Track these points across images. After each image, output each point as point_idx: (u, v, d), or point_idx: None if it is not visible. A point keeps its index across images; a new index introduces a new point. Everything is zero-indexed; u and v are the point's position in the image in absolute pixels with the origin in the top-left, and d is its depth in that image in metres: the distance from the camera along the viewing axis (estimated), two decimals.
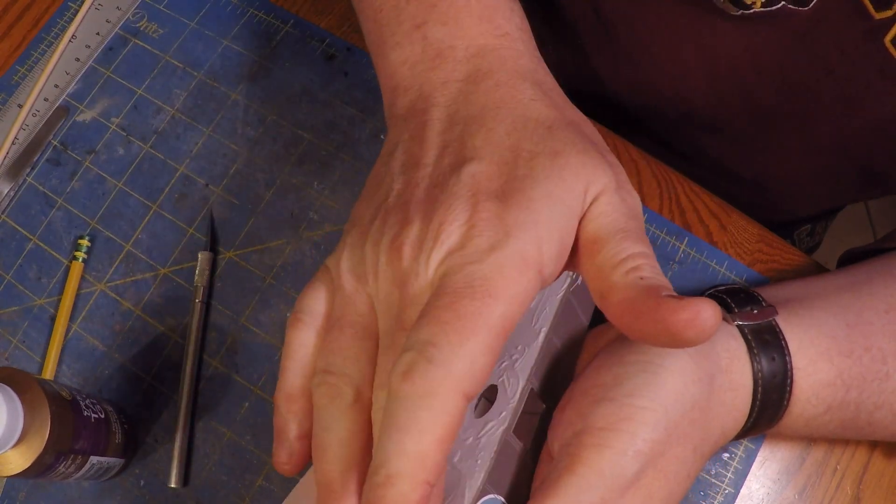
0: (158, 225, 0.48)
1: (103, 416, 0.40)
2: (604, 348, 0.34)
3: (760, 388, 0.33)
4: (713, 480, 0.40)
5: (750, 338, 0.34)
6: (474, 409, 0.34)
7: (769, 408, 0.34)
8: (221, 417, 0.44)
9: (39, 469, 0.36)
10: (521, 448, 0.33)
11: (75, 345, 0.46)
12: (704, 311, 0.24)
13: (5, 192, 0.49)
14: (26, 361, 0.46)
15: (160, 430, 0.44)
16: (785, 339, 0.34)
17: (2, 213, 0.49)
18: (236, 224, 0.47)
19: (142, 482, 0.43)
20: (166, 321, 0.46)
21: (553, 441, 0.32)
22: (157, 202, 0.48)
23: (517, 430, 0.32)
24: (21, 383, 0.35)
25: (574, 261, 0.28)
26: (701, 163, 0.54)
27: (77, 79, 0.52)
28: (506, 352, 0.34)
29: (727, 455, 0.40)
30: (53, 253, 0.48)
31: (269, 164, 0.48)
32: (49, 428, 0.35)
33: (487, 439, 0.32)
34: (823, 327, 0.35)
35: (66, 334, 0.46)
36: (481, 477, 0.31)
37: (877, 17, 0.36)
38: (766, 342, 0.34)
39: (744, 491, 0.40)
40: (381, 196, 0.30)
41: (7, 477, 0.36)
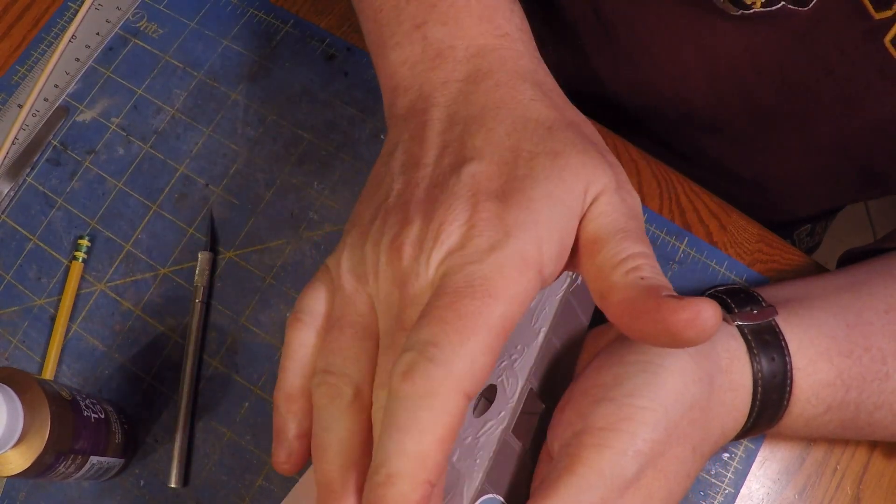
0: (158, 225, 0.48)
1: (103, 416, 0.40)
2: (604, 348, 0.34)
3: (760, 389, 0.33)
4: (713, 480, 0.40)
5: (750, 338, 0.34)
6: (473, 409, 0.34)
7: (769, 408, 0.34)
8: (221, 417, 0.44)
9: (39, 469, 0.36)
10: (520, 448, 0.33)
11: (75, 345, 0.46)
12: (705, 310, 0.24)
13: (5, 192, 0.50)
14: (26, 361, 0.46)
15: (160, 430, 0.44)
16: (785, 340, 0.34)
17: (2, 213, 0.49)
18: (236, 224, 0.47)
19: (142, 482, 0.43)
20: (166, 321, 0.46)
21: (553, 441, 0.32)
22: (157, 202, 0.48)
23: (516, 429, 0.32)
24: (21, 383, 0.35)
25: (574, 261, 0.28)
26: (701, 163, 0.54)
27: (77, 79, 0.52)
28: (505, 351, 0.34)
29: (727, 455, 0.40)
30: (53, 253, 0.48)
31: (269, 164, 0.48)
32: (49, 428, 0.35)
33: (486, 439, 0.32)
34: (823, 327, 0.35)
35: (66, 334, 0.46)
36: (480, 476, 0.31)
37: (877, 17, 0.36)
38: (766, 342, 0.34)
39: (744, 491, 0.40)
40: (381, 196, 0.30)
41: (7, 477, 0.36)
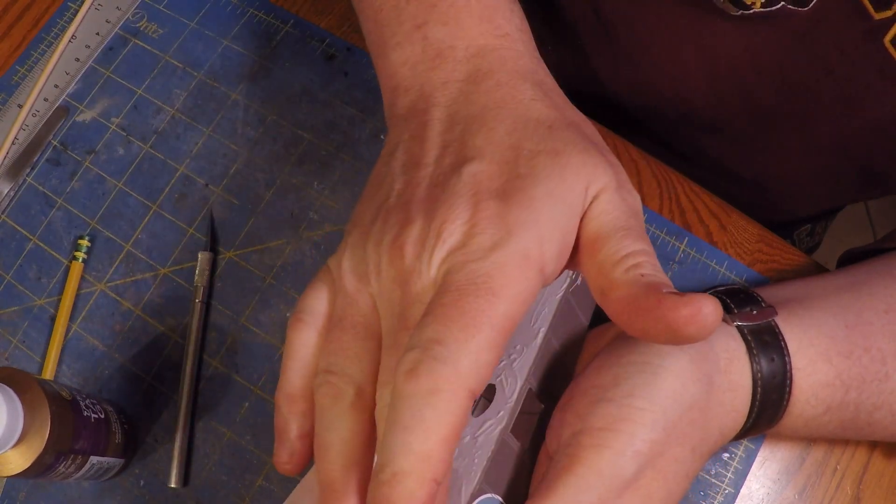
0: (158, 225, 0.48)
1: (103, 416, 0.40)
2: (603, 349, 0.34)
3: (760, 389, 0.33)
4: (713, 480, 0.40)
5: (749, 338, 0.34)
6: (472, 409, 0.34)
7: (768, 408, 0.34)
8: (221, 417, 0.44)
9: (39, 469, 0.36)
10: (518, 448, 0.33)
11: (75, 345, 0.46)
12: (705, 307, 0.24)
13: (5, 192, 0.50)
14: (26, 361, 0.46)
15: (160, 430, 0.44)
16: (784, 340, 0.34)
17: (2, 213, 0.49)
18: (236, 224, 0.47)
19: (142, 482, 0.43)
20: (166, 321, 0.46)
21: (551, 441, 0.32)
22: (157, 202, 0.48)
23: (515, 429, 0.32)
24: (21, 383, 0.35)
25: (575, 259, 0.28)
26: (701, 163, 0.54)
27: (77, 79, 0.52)
28: (504, 351, 0.34)
29: (727, 455, 0.40)
30: (53, 253, 0.48)
31: (269, 164, 0.48)
32: (49, 428, 0.35)
33: (485, 438, 0.32)
34: (823, 328, 0.35)
35: (66, 334, 0.46)
36: (478, 476, 0.31)
37: (876, 17, 0.36)
38: (766, 343, 0.34)
39: (744, 491, 0.40)
40: (382, 196, 0.30)
41: (7, 477, 0.36)
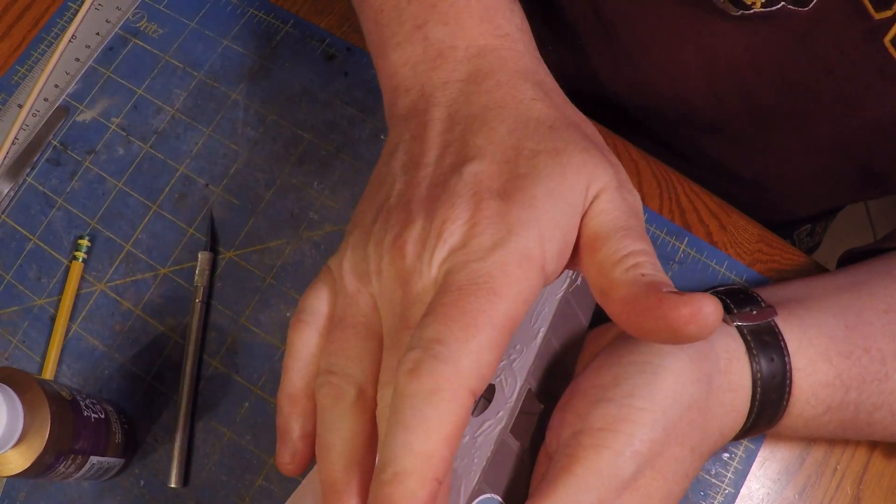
0: (158, 225, 0.48)
1: (103, 416, 0.40)
2: (603, 349, 0.34)
3: (759, 389, 0.33)
4: (713, 480, 0.40)
5: (749, 338, 0.34)
6: (472, 409, 0.34)
7: (768, 408, 0.34)
8: (221, 417, 0.44)
9: (39, 469, 0.36)
10: (518, 448, 0.33)
11: (75, 345, 0.46)
12: (706, 306, 0.24)
13: (5, 192, 0.50)
14: (26, 361, 0.46)
15: (160, 430, 0.44)
16: (784, 340, 0.34)
17: (2, 213, 0.49)
18: (236, 224, 0.47)
19: (142, 482, 0.43)
20: (166, 321, 0.46)
21: (551, 441, 0.32)
22: (157, 202, 0.48)
23: (514, 429, 0.32)
24: (21, 383, 0.35)
25: (575, 258, 0.28)
26: (701, 163, 0.54)
27: (77, 79, 0.52)
28: (504, 351, 0.34)
29: (727, 455, 0.40)
30: (53, 253, 0.48)
31: (269, 164, 0.48)
32: (49, 428, 0.35)
33: (484, 438, 0.32)
34: (823, 328, 0.35)
35: (66, 334, 0.46)
36: (477, 476, 0.31)
37: (876, 17, 0.36)
38: (766, 343, 0.34)
39: (744, 491, 0.40)
40: (382, 196, 0.30)
41: (7, 477, 0.36)
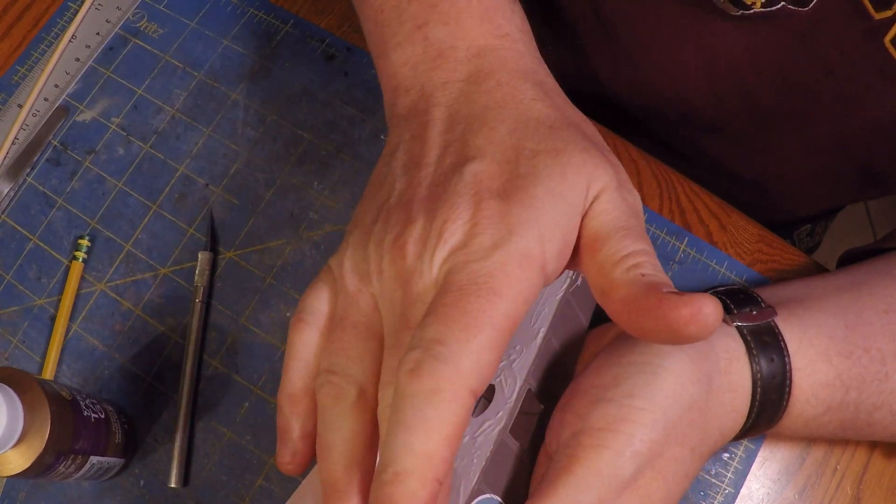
0: (158, 225, 0.48)
1: (103, 416, 0.40)
2: (603, 349, 0.34)
3: (759, 389, 0.33)
4: (713, 480, 0.40)
5: (749, 339, 0.34)
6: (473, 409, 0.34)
7: (768, 408, 0.34)
8: (221, 417, 0.44)
9: (39, 469, 0.36)
10: (517, 448, 0.33)
11: (75, 345, 0.46)
12: (706, 306, 0.24)
13: (5, 192, 0.50)
14: (26, 361, 0.46)
15: (160, 430, 0.44)
16: (784, 340, 0.34)
17: (2, 213, 0.49)
18: (236, 224, 0.47)
19: (142, 482, 0.43)
20: (166, 321, 0.46)
21: (551, 441, 0.32)
22: (157, 202, 0.48)
23: (514, 430, 0.32)
24: (21, 383, 0.35)
25: (575, 258, 0.28)
26: (701, 163, 0.54)
27: (77, 79, 0.52)
28: (504, 352, 0.34)
29: (727, 455, 0.40)
30: (53, 253, 0.48)
31: (269, 164, 0.48)
32: (49, 428, 0.35)
33: (484, 439, 0.32)
34: (823, 328, 0.35)
35: (66, 334, 0.46)
36: (476, 476, 0.31)
37: (877, 17, 0.36)
38: (766, 343, 0.34)
39: (744, 491, 0.40)
40: (383, 196, 0.30)
41: (7, 477, 0.36)
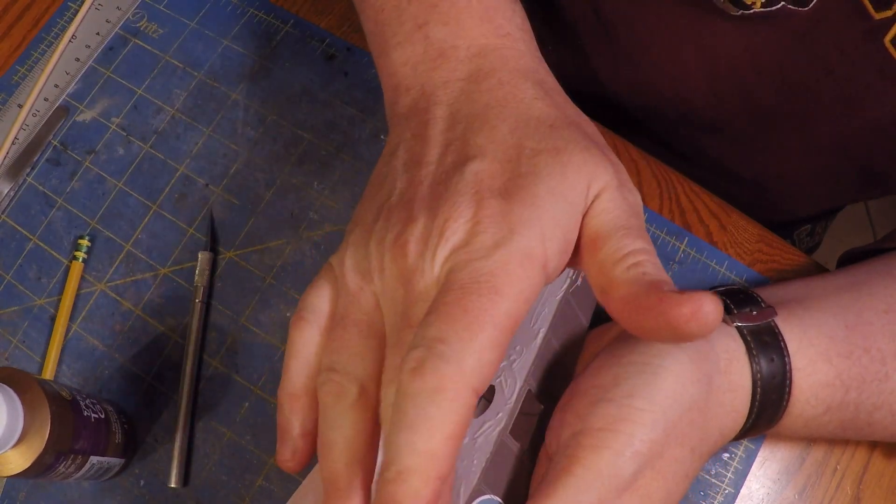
0: (158, 225, 0.48)
1: (103, 416, 0.40)
2: (604, 349, 0.34)
3: (759, 389, 0.33)
4: (713, 480, 0.40)
5: (749, 339, 0.34)
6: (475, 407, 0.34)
7: (768, 409, 0.34)
8: (221, 417, 0.44)
9: (39, 469, 0.36)
10: (518, 449, 0.33)
11: (75, 345, 0.46)
12: (706, 304, 0.24)
13: (5, 192, 0.50)
14: (26, 361, 0.46)
15: (160, 430, 0.44)
16: (784, 341, 0.34)
17: (2, 213, 0.49)
18: (236, 224, 0.47)
19: (142, 482, 0.43)
20: (166, 321, 0.46)
21: (551, 441, 0.32)
22: (157, 202, 0.48)
23: (514, 430, 0.32)
24: (21, 383, 0.35)
25: (576, 257, 0.28)
26: (701, 163, 0.54)
27: (77, 79, 0.52)
28: (506, 350, 0.34)
29: (727, 455, 0.40)
30: (53, 253, 0.48)
31: (269, 164, 0.48)
32: (49, 428, 0.35)
33: (484, 440, 0.32)
34: (823, 328, 0.35)
35: (66, 334, 0.46)
36: (476, 477, 0.31)
37: (877, 17, 0.36)
38: (766, 343, 0.34)
39: (744, 491, 0.40)
40: (384, 195, 0.30)
41: (7, 477, 0.36)
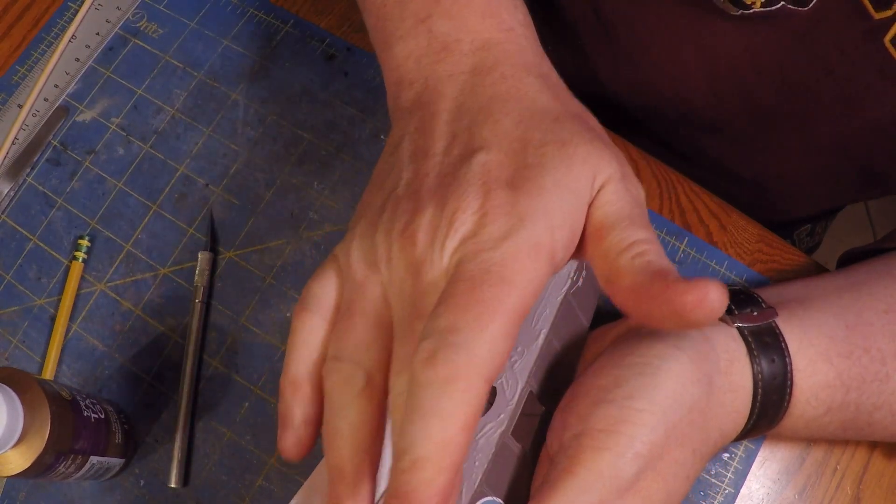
0: (158, 225, 0.48)
1: (103, 416, 0.40)
2: (605, 350, 0.34)
3: (760, 390, 0.33)
4: (713, 480, 0.40)
5: (750, 339, 0.34)
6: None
7: (769, 409, 0.34)
8: (221, 417, 0.44)
9: (39, 469, 0.36)
10: (519, 450, 0.33)
11: (75, 345, 0.46)
12: (712, 291, 0.24)
13: (5, 192, 0.50)
14: (26, 361, 0.46)
15: (160, 430, 0.44)
16: (785, 341, 0.34)
17: (2, 213, 0.49)
18: (236, 224, 0.47)
19: (142, 482, 0.43)
20: (166, 321, 0.46)
21: (553, 442, 0.32)
22: (157, 202, 0.48)
23: (516, 431, 0.32)
24: (21, 383, 0.35)
25: (581, 247, 0.28)
26: (701, 163, 0.54)
27: (77, 79, 0.52)
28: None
29: (727, 455, 0.40)
30: (53, 253, 0.48)
31: (269, 164, 0.48)
32: (49, 428, 0.35)
33: (485, 441, 0.32)
34: (823, 328, 0.35)
35: (66, 334, 0.46)
36: (478, 479, 0.31)
37: (876, 17, 0.36)
38: (766, 344, 0.34)
39: (744, 491, 0.40)
40: (389, 185, 0.30)
41: (7, 477, 0.36)
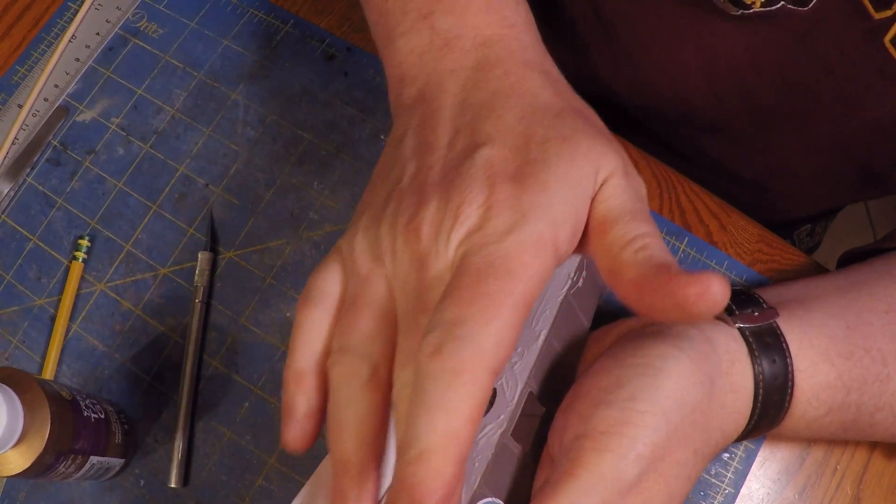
0: (158, 225, 0.48)
1: (103, 416, 0.40)
2: (606, 351, 0.34)
3: (761, 391, 0.33)
4: (713, 480, 0.40)
5: (751, 340, 0.34)
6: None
7: (770, 410, 0.34)
8: (221, 417, 0.44)
9: (39, 469, 0.36)
10: (519, 451, 0.33)
11: (75, 345, 0.46)
12: (714, 284, 0.24)
13: (5, 192, 0.49)
14: (26, 361, 0.46)
15: (160, 430, 0.44)
16: (786, 342, 0.34)
17: (2, 213, 0.49)
18: (236, 224, 0.47)
19: (142, 482, 0.43)
20: (166, 321, 0.46)
21: (554, 444, 0.32)
22: (157, 202, 0.48)
23: (516, 432, 0.32)
24: (21, 383, 0.35)
25: (584, 241, 0.28)
26: (701, 163, 0.54)
27: (77, 79, 0.52)
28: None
29: (727, 455, 0.40)
30: (53, 253, 0.48)
31: (269, 164, 0.48)
32: (49, 428, 0.35)
33: (485, 442, 0.31)
34: (823, 328, 0.35)
35: (66, 334, 0.46)
36: (477, 480, 0.30)
37: (876, 17, 0.36)
38: (767, 344, 0.34)
39: (744, 491, 0.40)
40: (393, 179, 0.30)
41: (7, 477, 0.36)
